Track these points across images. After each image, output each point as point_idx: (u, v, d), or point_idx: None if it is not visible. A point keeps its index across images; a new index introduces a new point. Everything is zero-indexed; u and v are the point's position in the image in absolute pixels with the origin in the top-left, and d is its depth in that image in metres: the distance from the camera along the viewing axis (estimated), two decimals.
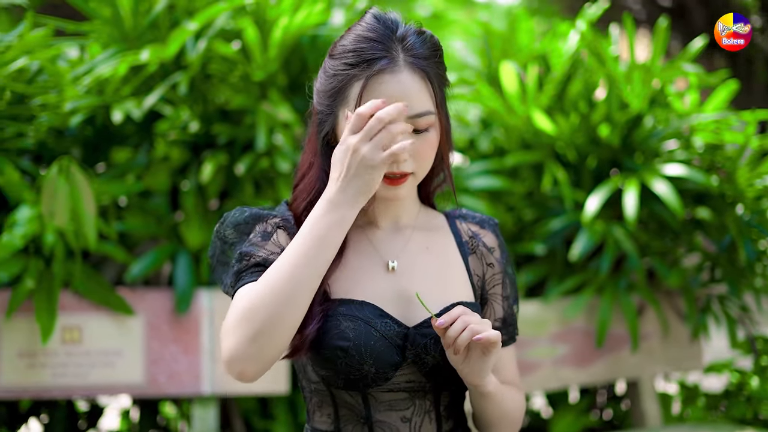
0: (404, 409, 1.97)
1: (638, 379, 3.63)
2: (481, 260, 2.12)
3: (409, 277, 2.01)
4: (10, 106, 3.35)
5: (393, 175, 1.91)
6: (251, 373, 1.76)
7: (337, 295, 1.96)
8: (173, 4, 3.57)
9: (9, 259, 3.14)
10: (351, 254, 2.01)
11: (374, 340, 1.90)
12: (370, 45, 1.89)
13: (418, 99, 1.88)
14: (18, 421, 3.73)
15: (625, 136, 3.54)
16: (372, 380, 1.91)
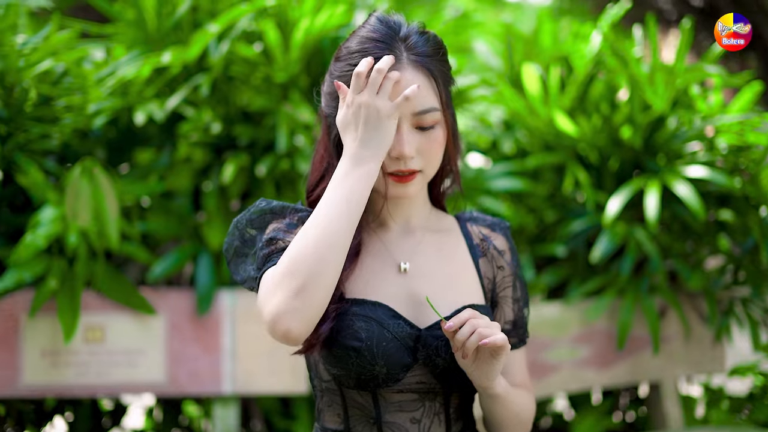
0: (414, 410, 1.98)
1: (660, 381, 3.62)
2: (492, 263, 2.13)
3: (420, 278, 2.03)
4: (36, 108, 3.39)
5: (401, 173, 1.93)
6: (296, 331, 1.77)
7: (350, 295, 1.98)
8: (196, 6, 3.60)
9: (32, 259, 3.18)
10: (364, 255, 2.03)
11: (386, 341, 1.91)
12: (374, 45, 1.92)
13: (423, 96, 1.91)
14: (43, 419, 3.78)
15: (647, 138, 3.52)
16: (383, 381, 1.93)
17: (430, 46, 1.97)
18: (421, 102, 1.91)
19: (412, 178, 1.94)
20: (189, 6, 3.50)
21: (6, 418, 3.69)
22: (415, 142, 1.91)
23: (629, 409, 3.89)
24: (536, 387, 3.45)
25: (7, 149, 3.32)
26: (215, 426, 3.36)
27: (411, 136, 1.91)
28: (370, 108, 1.84)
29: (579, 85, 3.60)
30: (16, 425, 3.74)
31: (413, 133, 1.92)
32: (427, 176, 1.99)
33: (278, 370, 3.34)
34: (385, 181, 1.96)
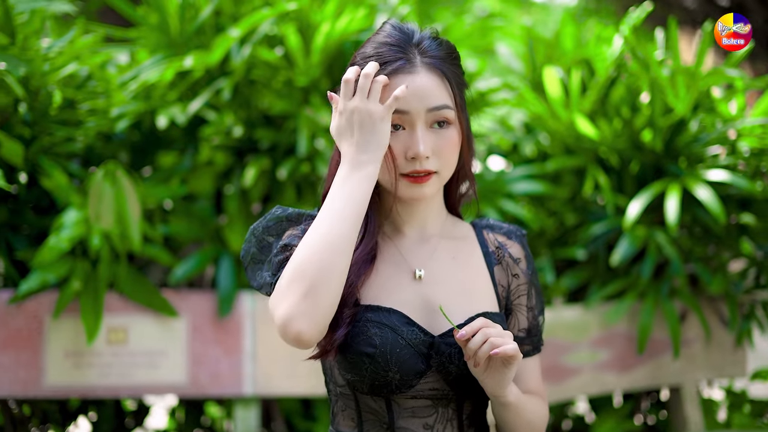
0: (427, 416, 1.99)
1: (681, 385, 3.61)
2: (507, 271, 2.13)
3: (435, 286, 2.04)
4: (60, 111, 3.44)
5: (417, 174, 1.94)
6: (308, 333, 1.79)
7: (365, 301, 1.99)
8: (219, 10, 3.63)
9: (56, 260, 3.22)
10: (380, 262, 2.04)
11: (400, 348, 1.93)
12: (389, 49, 1.96)
13: (436, 94, 1.94)
14: (67, 419, 3.83)
15: (668, 141, 3.51)
16: (396, 387, 1.94)
17: (442, 50, 2.00)
18: (435, 100, 1.93)
19: (428, 179, 1.95)
20: (212, 10, 3.53)
21: (31, 417, 3.73)
22: (431, 142, 1.93)
23: (650, 412, 3.88)
24: (556, 390, 3.46)
25: (31, 152, 3.36)
26: (236, 427, 3.39)
27: (426, 136, 1.93)
28: (363, 112, 1.88)
29: (600, 89, 3.60)
30: (41, 425, 3.79)
31: (428, 133, 1.94)
32: (443, 178, 2.00)
33: (298, 372, 3.36)
34: (397, 185, 1.97)
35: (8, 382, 3.24)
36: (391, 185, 1.98)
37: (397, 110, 1.92)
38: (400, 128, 1.94)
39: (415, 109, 1.92)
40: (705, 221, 3.50)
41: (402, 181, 1.96)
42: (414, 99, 1.92)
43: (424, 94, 1.92)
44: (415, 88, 1.92)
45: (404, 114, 1.93)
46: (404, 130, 1.94)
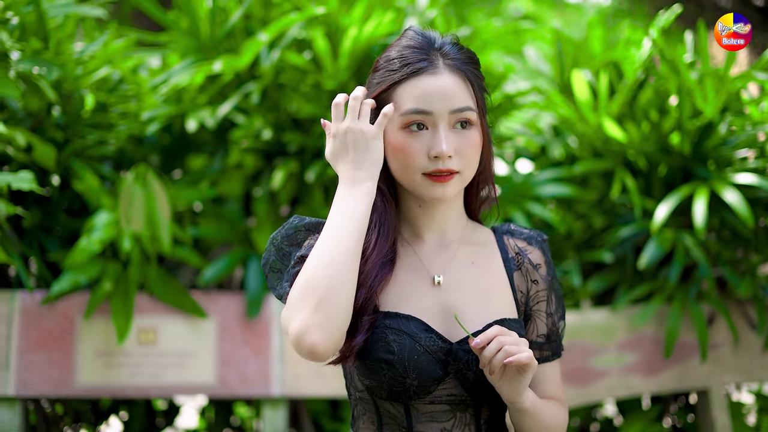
0: (445, 420, 2.01)
1: (708, 388, 3.60)
2: (526, 277, 2.14)
3: (454, 292, 2.05)
4: (93, 114, 3.49)
5: (439, 173, 1.95)
6: (322, 346, 1.81)
7: (384, 308, 2.01)
8: (249, 14, 3.67)
9: (88, 262, 3.27)
10: (399, 269, 2.06)
11: (418, 355, 1.94)
12: (411, 51, 2.00)
13: (459, 96, 1.96)
14: (99, 419, 3.88)
15: (695, 144, 3.51)
16: (414, 393, 1.96)
17: (463, 54, 2.03)
18: (457, 101, 1.95)
19: (450, 178, 1.96)
20: (241, 14, 3.57)
21: (63, 417, 3.79)
22: (454, 142, 1.95)
23: (678, 415, 3.87)
24: (582, 393, 3.46)
25: (64, 155, 3.42)
26: (264, 427, 3.42)
27: (449, 136, 1.95)
28: (355, 132, 1.93)
29: (628, 92, 3.60)
30: (73, 424, 3.85)
31: (451, 133, 1.95)
32: (465, 178, 2.01)
33: (326, 373, 3.39)
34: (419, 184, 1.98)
35: (40, 382, 3.29)
36: (412, 185, 2.00)
37: (420, 111, 1.94)
38: (423, 128, 1.96)
39: (438, 110, 1.94)
40: (733, 224, 3.49)
41: (424, 180, 1.97)
42: (437, 100, 1.94)
43: (447, 95, 1.95)
44: (437, 90, 1.95)
45: (427, 114, 1.95)
46: (427, 130, 1.96)
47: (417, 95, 1.95)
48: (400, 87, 1.98)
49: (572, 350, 3.45)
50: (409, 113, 1.95)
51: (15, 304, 3.31)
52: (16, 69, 3.16)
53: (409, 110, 1.95)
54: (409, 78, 1.97)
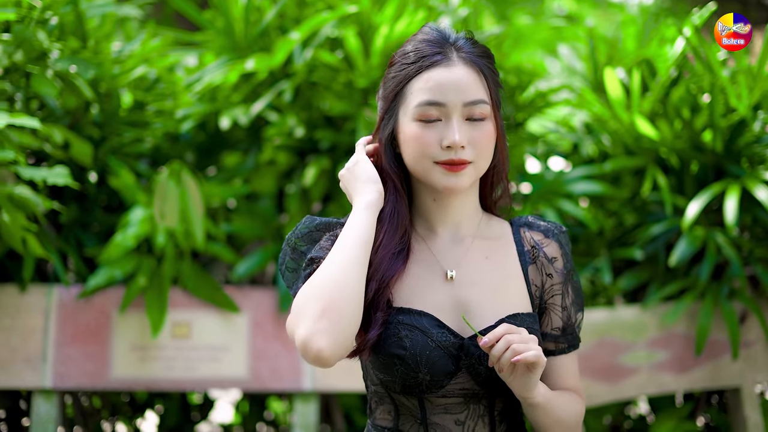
0: (459, 412, 2.03)
1: (740, 386, 3.59)
2: (541, 270, 2.14)
3: (467, 286, 2.06)
4: (130, 113, 3.56)
5: (452, 162, 1.97)
6: (328, 352, 1.82)
7: (398, 304, 2.03)
8: (282, 13, 3.71)
9: (123, 257, 3.34)
10: (412, 264, 2.08)
11: (429, 350, 1.96)
12: (427, 44, 2.02)
13: (472, 89, 1.98)
14: (135, 412, 3.95)
15: (728, 142, 3.49)
16: (427, 387, 1.98)
17: (477, 49, 2.05)
18: (471, 93, 1.97)
19: (463, 167, 1.98)
20: (275, 14, 3.61)
21: (100, 410, 3.86)
22: (467, 133, 1.96)
23: (710, 413, 3.86)
24: (612, 389, 3.46)
25: (101, 152, 3.48)
26: (296, 421, 3.45)
27: (462, 127, 1.96)
28: (350, 166, 2.09)
29: (661, 89, 3.59)
30: (111, 417, 3.92)
31: (464, 125, 1.97)
32: (479, 169, 2.03)
33: (357, 368, 3.37)
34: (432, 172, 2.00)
35: (77, 375, 3.36)
36: (425, 174, 2.01)
37: (434, 102, 1.96)
38: (436, 120, 1.98)
39: (451, 102, 1.96)
40: (766, 222, 3.47)
41: (437, 168, 1.99)
42: (451, 92, 1.96)
43: (461, 87, 1.97)
44: (451, 82, 1.97)
45: (441, 106, 1.97)
46: (440, 121, 1.97)
47: (431, 87, 1.97)
48: (414, 79, 2.00)
49: (602, 347, 3.46)
50: (423, 104, 1.97)
51: (52, 299, 3.38)
52: (53, 68, 3.23)
53: (423, 101, 1.97)
54: (424, 70, 1.99)
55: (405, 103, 2.01)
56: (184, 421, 3.96)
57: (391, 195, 2.07)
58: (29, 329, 3.36)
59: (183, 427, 3.94)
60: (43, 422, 3.34)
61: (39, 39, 3.16)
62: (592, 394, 3.41)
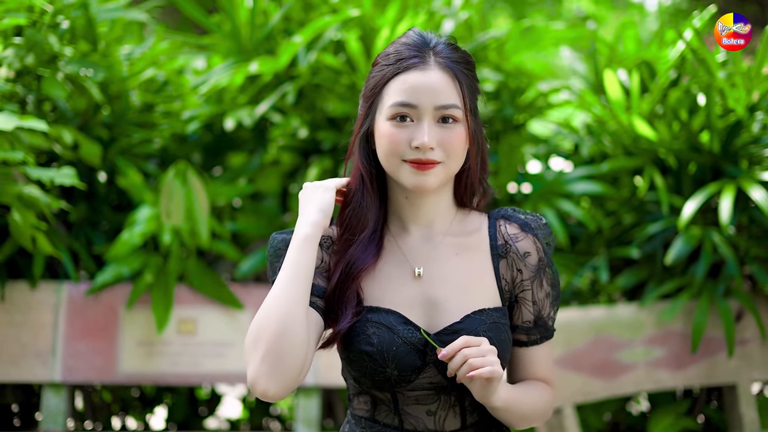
0: (430, 403, 2.10)
1: (736, 383, 3.63)
2: (512, 265, 2.19)
3: (434, 283, 2.13)
4: (139, 114, 3.65)
5: (420, 162, 2.04)
6: (273, 391, 1.93)
7: (368, 302, 2.11)
8: (288, 16, 3.80)
9: (130, 254, 3.43)
10: (384, 263, 2.16)
11: (396, 346, 2.04)
12: (405, 47, 2.09)
13: (444, 92, 2.05)
14: (145, 407, 4.04)
15: (725, 143, 3.54)
16: (395, 382, 2.06)
17: (456, 54, 2.12)
18: (443, 97, 2.04)
19: (431, 167, 2.05)
20: (280, 17, 3.69)
21: (110, 404, 3.95)
22: (436, 135, 2.03)
23: (708, 410, 3.90)
24: (609, 385, 3.51)
25: (111, 153, 3.58)
26: (299, 416, 3.53)
27: (432, 129, 2.04)
28: (310, 188, 2.15)
29: (660, 91, 3.64)
30: (121, 411, 4.01)
31: (434, 127, 2.04)
32: (449, 170, 2.09)
33: None
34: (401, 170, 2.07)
35: (85, 369, 3.46)
36: (396, 172, 2.08)
37: (406, 104, 2.04)
38: (408, 119, 2.05)
39: (423, 104, 2.04)
40: (762, 222, 3.52)
41: (406, 166, 2.06)
42: (423, 95, 2.04)
43: (434, 91, 2.04)
44: (425, 85, 2.04)
45: (413, 108, 2.04)
46: (412, 122, 2.05)
47: (405, 89, 2.04)
48: (392, 81, 2.07)
49: (599, 344, 3.51)
50: (397, 105, 2.04)
51: (62, 295, 3.48)
52: (64, 71, 3.33)
53: (396, 102, 2.04)
54: (401, 72, 2.06)
55: (381, 102, 2.09)
56: (192, 415, 4.05)
57: (359, 191, 2.16)
58: (39, 325, 3.45)
59: (191, 421, 4.02)
60: (53, 415, 3.44)
61: (50, 43, 3.26)
62: (589, 390, 3.47)
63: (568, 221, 3.84)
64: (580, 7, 13.10)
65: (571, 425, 3.39)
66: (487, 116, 3.82)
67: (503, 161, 3.74)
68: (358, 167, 2.18)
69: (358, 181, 2.17)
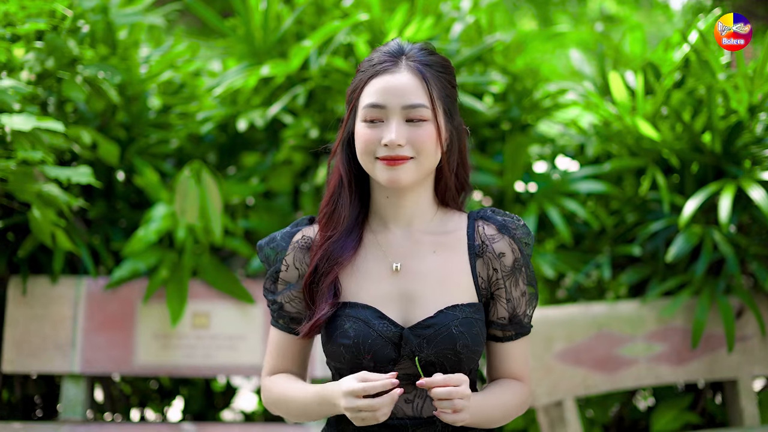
0: (408, 392, 2.19)
1: (737, 378, 3.70)
2: (488, 264, 2.26)
3: (411, 278, 2.22)
4: (156, 115, 3.79)
5: (390, 158, 2.14)
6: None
7: (346, 297, 2.22)
8: (300, 20, 3.91)
9: (147, 251, 3.56)
10: (362, 260, 2.26)
11: (372, 339, 2.14)
12: (382, 54, 2.21)
13: (412, 93, 2.14)
14: (163, 399, 4.17)
15: (726, 143, 3.62)
16: (373, 372, 2.15)
17: (430, 59, 2.22)
18: (410, 98, 2.14)
19: (402, 162, 2.14)
20: (293, 21, 3.81)
21: (129, 396, 4.09)
22: (405, 133, 2.13)
23: (710, 405, 3.97)
24: (610, 379, 3.58)
25: (129, 153, 3.71)
26: None
27: (400, 128, 2.13)
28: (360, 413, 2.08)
29: (664, 92, 3.72)
30: (139, 404, 4.15)
31: (402, 126, 2.14)
32: (422, 166, 2.17)
33: None
34: (375, 167, 2.17)
35: (103, 360, 3.59)
36: (371, 170, 2.18)
37: (376, 105, 2.14)
38: (378, 121, 2.15)
39: (391, 104, 2.13)
40: (762, 221, 3.59)
41: (379, 163, 2.15)
42: (391, 96, 2.13)
43: (402, 92, 2.14)
44: (393, 86, 2.14)
45: (382, 108, 2.14)
46: (382, 122, 2.15)
47: (375, 91, 2.15)
48: (367, 85, 2.17)
49: (600, 339, 3.59)
50: (368, 107, 2.14)
51: (81, 289, 3.61)
52: (82, 74, 3.46)
53: (368, 104, 2.14)
54: (375, 77, 2.17)
55: (358, 106, 2.19)
56: (208, 407, 4.17)
57: (338, 190, 2.27)
58: (60, 318, 3.59)
59: (206, 413, 4.14)
60: (72, 405, 3.57)
61: (69, 47, 3.38)
62: (590, 383, 3.55)
63: (576, 220, 3.93)
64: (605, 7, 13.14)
65: (571, 417, 3.48)
66: (494, 117, 3.92)
67: (509, 161, 3.83)
68: (338, 168, 2.28)
69: (337, 181, 2.28)
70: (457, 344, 2.14)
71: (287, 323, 2.30)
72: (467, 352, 2.16)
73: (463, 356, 2.16)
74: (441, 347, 2.13)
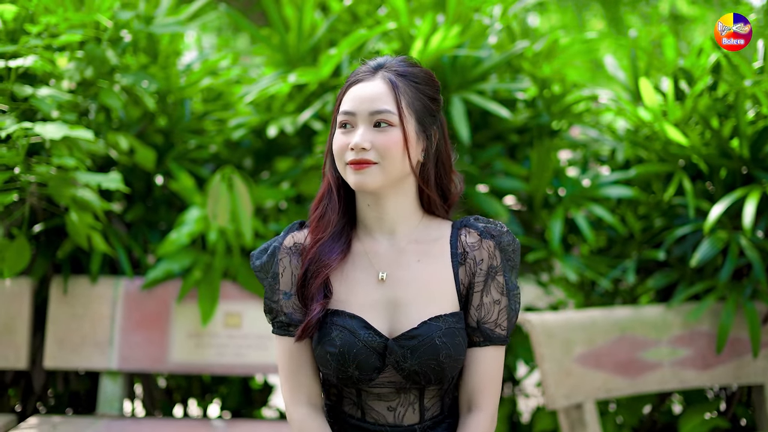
0: (391, 400, 2.29)
1: (763, 384, 3.69)
2: (468, 271, 2.33)
3: (397, 288, 2.29)
4: (195, 121, 3.92)
5: (356, 162, 2.21)
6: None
7: (335, 306, 2.30)
8: (333, 28, 4.01)
9: (181, 253, 3.69)
10: (351, 268, 2.33)
11: (357, 348, 2.22)
12: (366, 66, 2.30)
13: (380, 99, 2.22)
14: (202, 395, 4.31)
15: (754, 149, 3.61)
16: (358, 380, 2.25)
17: (406, 69, 2.29)
18: (377, 104, 2.21)
19: (366, 166, 2.21)
20: (326, 29, 3.91)
21: (173, 391, 4.24)
22: (370, 137, 2.21)
23: (739, 410, 3.96)
24: (633, 383, 3.59)
25: (168, 158, 3.85)
26: None
27: (366, 133, 2.21)
28: None
29: (696, 98, 3.73)
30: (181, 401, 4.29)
31: (369, 131, 2.22)
32: (386, 171, 2.23)
33: None
34: (345, 172, 2.25)
35: (140, 358, 3.74)
36: (344, 175, 2.26)
37: (347, 112, 2.23)
38: (348, 126, 2.24)
39: (359, 111, 2.22)
40: None
41: (348, 168, 2.23)
42: (360, 102, 2.22)
43: (370, 98, 2.22)
44: (362, 94, 2.23)
45: (352, 115, 2.23)
46: (353, 128, 2.24)
47: (348, 99, 2.25)
48: (345, 94, 2.28)
49: (623, 342, 3.61)
50: (341, 114, 2.25)
51: (119, 289, 3.76)
52: (120, 83, 3.61)
53: (341, 111, 2.25)
54: (352, 86, 2.27)
55: (338, 114, 2.29)
56: (245, 405, 4.29)
57: (327, 196, 2.36)
58: (98, 317, 3.75)
59: (243, 411, 4.27)
60: (109, 400, 3.73)
61: (108, 56, 3.53)
62: (611, 387, 3.58)
63: (606, 224, 3.96)
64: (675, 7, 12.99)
65: (591, 420, 3.51)
66: (522, 123, 3.97)
67: (536, 166, 3.88)
68: (327, 175, 2.37)
69: (326, 187, 2.37)
70: (440, 354, 2.21)
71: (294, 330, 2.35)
72: (450, 361, 2.24)
73: (446, 365, 2.24)
74: (424, 358, 2.21)
